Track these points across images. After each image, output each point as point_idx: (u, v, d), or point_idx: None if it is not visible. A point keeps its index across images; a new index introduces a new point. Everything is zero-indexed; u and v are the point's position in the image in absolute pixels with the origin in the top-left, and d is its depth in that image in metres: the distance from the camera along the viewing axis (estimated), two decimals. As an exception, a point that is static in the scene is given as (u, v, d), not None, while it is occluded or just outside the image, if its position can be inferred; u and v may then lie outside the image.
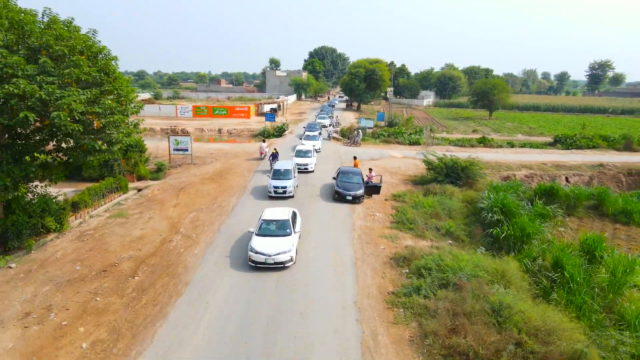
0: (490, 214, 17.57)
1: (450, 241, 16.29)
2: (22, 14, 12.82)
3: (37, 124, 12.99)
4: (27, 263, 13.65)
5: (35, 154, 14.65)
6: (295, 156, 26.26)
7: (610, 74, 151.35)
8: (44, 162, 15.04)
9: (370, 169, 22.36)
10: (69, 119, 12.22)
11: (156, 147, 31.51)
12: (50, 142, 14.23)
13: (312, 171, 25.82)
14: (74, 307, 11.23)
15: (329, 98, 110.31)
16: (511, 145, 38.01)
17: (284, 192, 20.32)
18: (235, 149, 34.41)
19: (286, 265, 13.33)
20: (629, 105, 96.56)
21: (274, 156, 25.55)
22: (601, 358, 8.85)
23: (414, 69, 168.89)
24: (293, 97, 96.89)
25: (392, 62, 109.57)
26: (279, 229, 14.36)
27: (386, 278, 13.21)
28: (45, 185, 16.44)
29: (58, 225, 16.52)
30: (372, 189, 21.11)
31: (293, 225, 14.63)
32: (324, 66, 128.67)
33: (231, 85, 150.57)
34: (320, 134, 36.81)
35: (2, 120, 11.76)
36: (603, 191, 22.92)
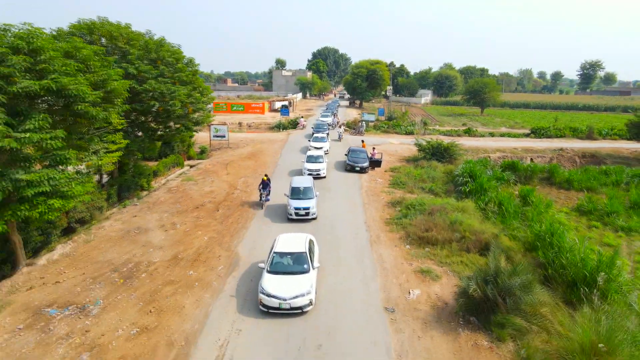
0: (461, 178, 24.18)
1: (432, 195, 22.89)
2: (145, 38, 19.43)
3: (158, 110, 19.62)
4: (144, 203, 20.30)
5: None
6: (306, 162, 25.44)
7: (601, 73, 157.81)
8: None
9: (374, 148, 29.09)
10: (178, 106, 18.87)
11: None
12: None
13: (324, 177, 25.05)
14: (189, 223, 17.87)
15: (335, 95, 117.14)
16: (492, 135, 44.65)
17: (307, 214, 18.10)
18: (260, 137, 41.04)
19: (304, 310, 11.32)
20: (614, 102, 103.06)
21: (265, 185, 19.79)
22: (505, 237, 15.43)
23: (413, 68, 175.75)
24: (299, 96, 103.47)
25: (391, 63, 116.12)
26: (295, 263, 12.46)
27: (384, 212, 19.85)
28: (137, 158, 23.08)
29: (147, 185, 23.21)
30: (375, 163, 27.77)
31: (311, 259, 12.67)
32: (327, 66, 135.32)
33: (237, 85, 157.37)
34: (328, 134, 36.90)
35: (138, 107, 18.35)
36: (553, 166, 29.58)
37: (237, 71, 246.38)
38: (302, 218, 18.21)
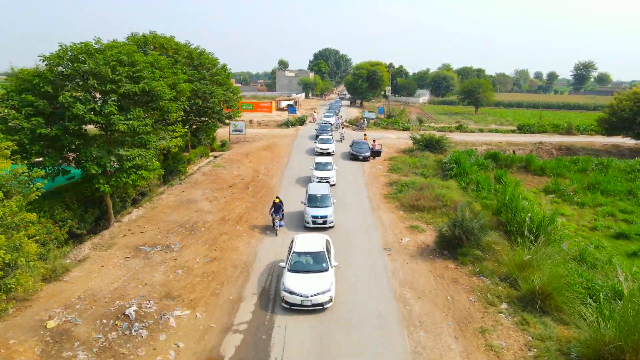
0: (448, 164, 28.72)
1: (423, 178, 27.42)
2: (188, 48, 23.96)
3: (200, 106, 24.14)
4: (186, 183, 24.84)
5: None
6: (315, 169, 24.84)
7: (594, 74, 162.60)
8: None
9: (374, 140, 33.65)
10: (217, 104, 23.40)
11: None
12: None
13: (334, 184, 24.27)
14: (227, 197, 22.40)
15: (337, 95, 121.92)
16: (481, 131, 49.20)
17: (324, 223, 17.84)
18: (271, 132, 45.59)
19: (325, 306, 11.93)
20: (604, 102, 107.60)
21: (277, 208, 17.63)
22: (477, 204, 19.96)
23: (412, 68, 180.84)
24: (302, 95, 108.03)
25: (390, 64, 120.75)
26: (315, 262, 13.07)
27: (383, 190, 24.39)
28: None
29: (184, 170, 27.73)
30: (375, 153, 32.31)
31: (329, 258, 13.27)
32: (328, 67, 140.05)
33: (240, 85, 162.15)
34: (332, 135, 37.55)
35: (186, 104, 22.86)
36: (530, 157, 34.14)
37: (239, 71, 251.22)
38: (319, 227, 17.85)
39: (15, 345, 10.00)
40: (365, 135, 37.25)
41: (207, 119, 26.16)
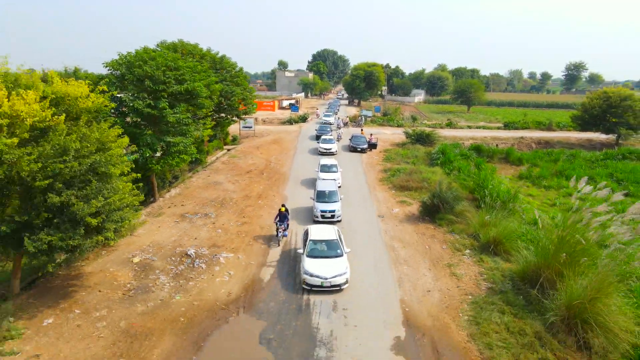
0: (436, 154, 32.87)
1: (413, 166, 31.55)
2: (211, 54, 27.97)
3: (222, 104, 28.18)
4: (209, 170, 28.87)
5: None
6: (320, 171, 24.93)
7: (585, 74, 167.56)
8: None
9: (371, 134, 37.81)
10: (237, 101, 27.43)
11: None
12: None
13: (340, 187, 23.43)
14: (246, 180, 26.45)
15: (336, 94, 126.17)
16: (469, 127, 53.42)
17: (332, 217, 18.94)
18: (277, 129, 49.65)
19: (342, 287, 13.28)
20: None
21: (282, 217, 17.08)
22: (456, 184, 24.09)
23: (409, 68, 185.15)
24: (302, 95, 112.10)
25: (387, 65, 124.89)
26: (330, 249, 14.36)
27: (379, 175, 28.51)
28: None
29: (204, 160, 31.75)
30: (372, 146, 36.44)
31: (342, 245, 14.62)
32: (326, 67, 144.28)
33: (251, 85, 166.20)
34: (332, 134, 39.31)
35: (207, 102, 26.87)
36: (509, 149, 38.38)
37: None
38: (327, 220, 18.93)
39: (114, 272, 14.05)
40: (362, 130, 41.37)
41: (224, 114, 30.20)
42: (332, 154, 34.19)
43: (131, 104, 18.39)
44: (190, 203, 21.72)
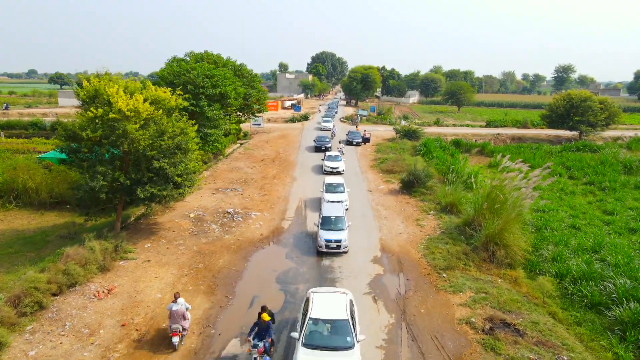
0: (419, 146, 38.88)
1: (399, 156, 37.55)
2: (232, 62, 33.92)
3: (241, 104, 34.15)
4: (229, 158, 34.80)
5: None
6: (326, 192, 22.60)
7: (574, 76, 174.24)
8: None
9: (365, 130, 43.91)
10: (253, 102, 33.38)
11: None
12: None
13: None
14: (262, 166, 32.39)
15: (334, 95, 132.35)
16: (454, 125, 59.53)
17: (338, 247, 16.89)
18: (282, 126, 55.67)
19: None
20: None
21: (262, 332, 10.45)
22: (432, 168, 30.07)
23: (405, 69, 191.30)
24: (302, 96, 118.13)
25: (383, 67, 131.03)
26: (336, 334, 10.08)
27: (370, 163, 34.51)
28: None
29: (223, 151, 37.66)
30: (366, 140, 42.51)
31: (354, 326, 10.14)
32: (325, 69, 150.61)
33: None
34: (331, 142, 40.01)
35: (235, 102, 32.79)
36: (485, 144, 44.50)
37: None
38: (333, 251, 16.86)
39: (179, 222, 19.99)
40: (357, 127, 47.52)
41: (242, 113, 36.22)
42: (339, 173, 29.15)
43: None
44: (220, 181, 27.64)
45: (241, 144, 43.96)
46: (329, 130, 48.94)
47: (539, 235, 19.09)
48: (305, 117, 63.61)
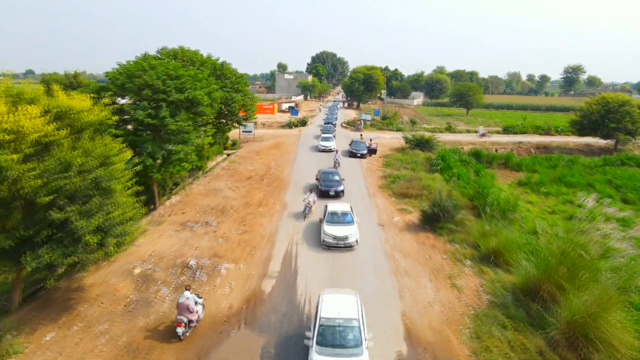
0: (435, 160, 32.93)
1: (413, 172, 31.60)
2: (212, 60, 27.98)
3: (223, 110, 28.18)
4: (210, 176, 28.85)
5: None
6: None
7: (583, 77, 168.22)
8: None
9: (371, 139, 37.84)
10: (238, 108, 27.44)
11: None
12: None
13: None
14: (246, 187, 26.44)
15: (334, 96, 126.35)
16: (468, 131, 53.56)
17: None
18: (276, 133, 49.68)
19: None
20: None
21: None
22: (456, 191, 24.13)
23: (408, 70, 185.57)
24: (301, 97, 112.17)
25: (386, 67, 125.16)
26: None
27: (379, 181, 28.54)
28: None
29: (205, 165, 31.73)
30: (372, 151, 36.49)
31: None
32: (325, 69, 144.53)
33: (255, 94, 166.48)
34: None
35: (208, 109, 26.87)
36: (509, 154, 38.52)
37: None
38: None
39: (115, 283, 14.04)
40: (361, 135, 41.48)
41: (224, 120, 30.22)
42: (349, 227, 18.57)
43: (132, 113, 18.39)
44: (191, 211, 21.71)
45: (228, 154, 38.06)
46: (329, 151, 36.83)
47: None
48: (303, 122, 57.69)
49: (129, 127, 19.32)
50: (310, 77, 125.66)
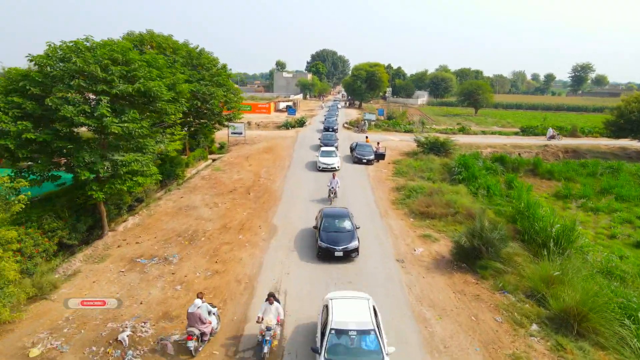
0: (456, 168, 27.74)
1: (430, 182, 26.43)
2: (188, 47, 22.82)
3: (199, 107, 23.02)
4: (185, 188, 23.69)
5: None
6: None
7: (591, 75, 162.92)
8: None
9: (378, 142, 32.65)
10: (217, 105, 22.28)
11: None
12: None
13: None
14: (228, 203, 21.27)
15: (334, 95, 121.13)
16: (484, 133, 48.34)
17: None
18: (271, 134, 44.49)
19: None
20: (602, 103, 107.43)
21: None
22: (491, 211, 18.97)
23: (411, 69, 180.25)
24: (300, 96, 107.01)
25: (389, 65, 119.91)
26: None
27: (390, 195, 23.36)
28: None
29: (182, 174, 26.54)
30: (380, 156, 31.30)
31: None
32: (326, 68, 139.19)
33: (237, 86, 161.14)
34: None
35: (186, 105, 21.73)
36: (537, 160, 33.31)
37: (235, 72, 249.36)
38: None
39: (-7, 378, 8.88)
40: (367, 137, 36.30)
41: (206, 120, 25.05)
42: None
43: (59, 111, 13.25)
44: (149, 238, 16.54)
45: (213, 160, 32.89)
46: (332, 168, 27.66)
47: None
48: (301, 123, 52.52)
49: (59, 127, 14.13)
50: (309, 76, 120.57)
